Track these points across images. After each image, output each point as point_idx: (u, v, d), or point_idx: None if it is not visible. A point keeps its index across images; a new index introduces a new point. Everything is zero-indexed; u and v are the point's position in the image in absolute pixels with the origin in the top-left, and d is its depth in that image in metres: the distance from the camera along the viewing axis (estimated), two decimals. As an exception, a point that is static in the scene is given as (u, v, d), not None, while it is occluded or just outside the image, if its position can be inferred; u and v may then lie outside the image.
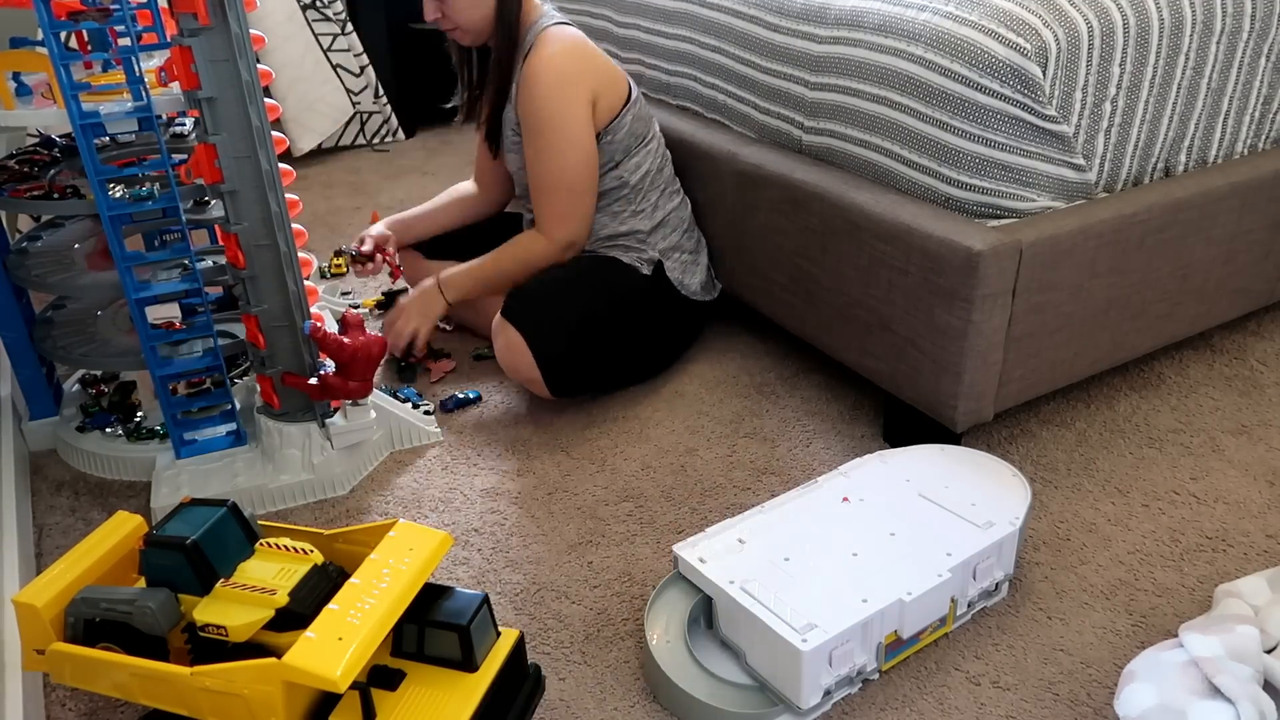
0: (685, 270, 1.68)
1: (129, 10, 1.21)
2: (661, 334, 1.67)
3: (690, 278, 1.68)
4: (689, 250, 1.69)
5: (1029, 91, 1.24)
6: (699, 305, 1.71)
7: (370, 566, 0.96)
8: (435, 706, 0.92)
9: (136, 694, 0.94)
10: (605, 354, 1.58)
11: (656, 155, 1.66)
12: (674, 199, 1.69)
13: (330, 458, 1.41)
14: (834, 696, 1.04)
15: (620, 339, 1.59)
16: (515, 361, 1.52)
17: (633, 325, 1.61)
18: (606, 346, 1.58)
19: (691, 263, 1.69)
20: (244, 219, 1.28)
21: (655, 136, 1.67)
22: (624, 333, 1.60)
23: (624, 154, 1.61)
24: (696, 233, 1.73)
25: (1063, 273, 1.32)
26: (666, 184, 1.68)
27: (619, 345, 1.60)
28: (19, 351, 1.51)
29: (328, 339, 1.33)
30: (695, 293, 1.69)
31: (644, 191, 1.64)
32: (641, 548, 1.29)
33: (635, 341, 1.62)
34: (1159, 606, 1.16)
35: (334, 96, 2.92)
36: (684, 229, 1.69)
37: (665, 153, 1.70)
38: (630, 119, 1.60)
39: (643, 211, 1.64)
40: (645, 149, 1.64)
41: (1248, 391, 1.58)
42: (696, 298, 1.69)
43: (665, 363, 1.70)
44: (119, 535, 1.07)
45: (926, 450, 1.30)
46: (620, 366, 1.62)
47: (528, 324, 1.51)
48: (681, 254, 1.68)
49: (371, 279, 2.11)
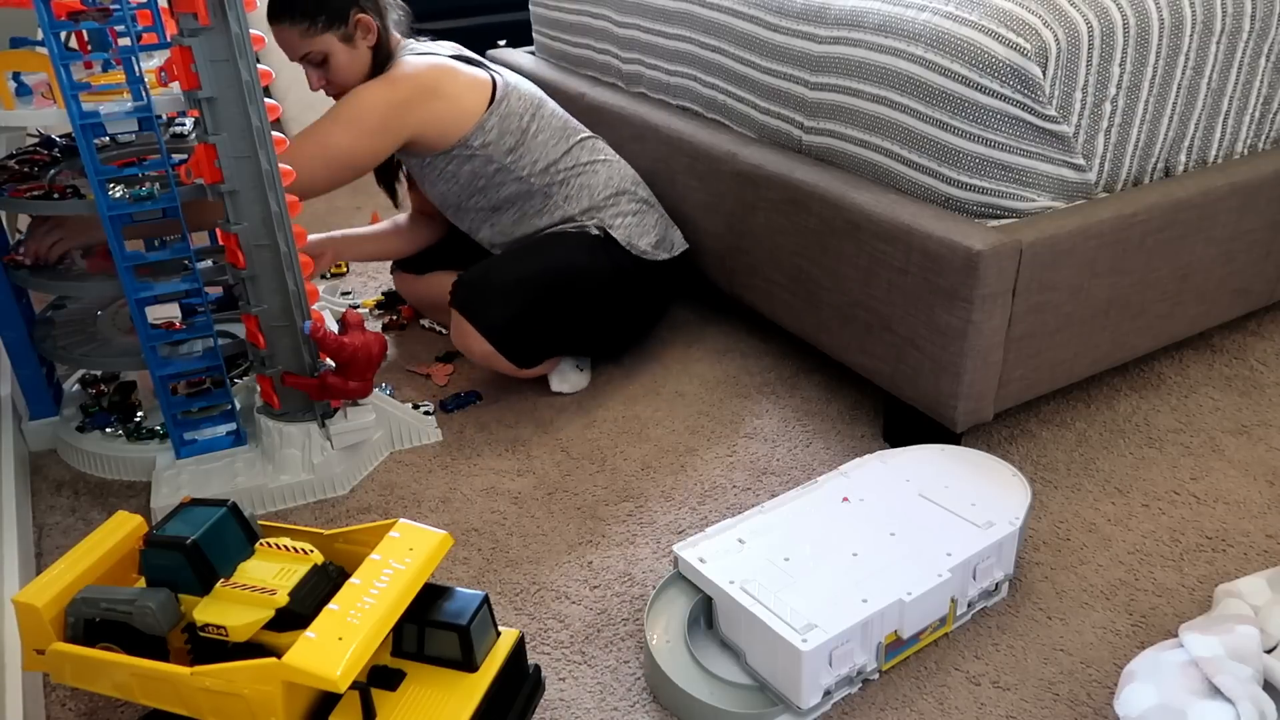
0: (631, 231, 1.65)
1: (129, 10, 1.21)
2: (618, 294, 1.63)
3: (639, 238, 1.65)
4: (631, 213, 1.67)
5: (1029, 91, 1.24)
6: (658, 265, 1.68)
7: (370, 566, 0.96)
8: (435, 706, 0.92)
9: (136, 694, 0.94)
10: (557, 316, 1.57)
11: (554, 142, 1.66)
12: (597, 171, 1.67)
13: (330, 458, 1.41)
14: (834, 696, 1.04)
15: (571, 299, 1.58)
16: (468, 343, 1.55)
17: (583, 285, 1.59)
18: (556, 308, 1.57)
19: (636, 224, 1.67)
20: (244, 219, 1.28)
21: (544, 126, 1.66)
22: (574, 293, 1.58)
23: (508, 155, 1.62)
24: (639, 192, 1.71)
25: (1063, 273, 1.32)
26: (586, 163, 1.67)
27: (572, 306, 1.58)
28: (19, 351, 1.51)
29: (328, 339, 1.33)
30: (646, 252, 1.66)
31: (559, 182, 1.64)
32: (641, 548, 1.29)
33: (590, 302, 1.60)
34: (1159, 606, 1.16)
35: (334, 96, 2.92)
36: (617, 193, 1.67)
37: (569, 132, 1.69)
38: (497, 119, 1.61)
39: (569, 198, 1.65)
40: (534, 141, 1.64)
41: (1248, 391, 1.58)
42: (649, 257, 1.66)
43: (635, 327, 1.69)
44: (119, 535, 1.07)
45: (926, 450, 1.30)
46: (580, 328, 1.61)
47: (470, 303, 1.54)
48: (626, 218, 1.66)
49: (372, 279, 2.11)
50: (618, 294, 1.63)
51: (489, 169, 1.63)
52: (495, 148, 1.61)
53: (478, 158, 1.62)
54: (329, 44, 1.55)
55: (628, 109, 1.88)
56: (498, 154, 1.62)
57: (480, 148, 1.61)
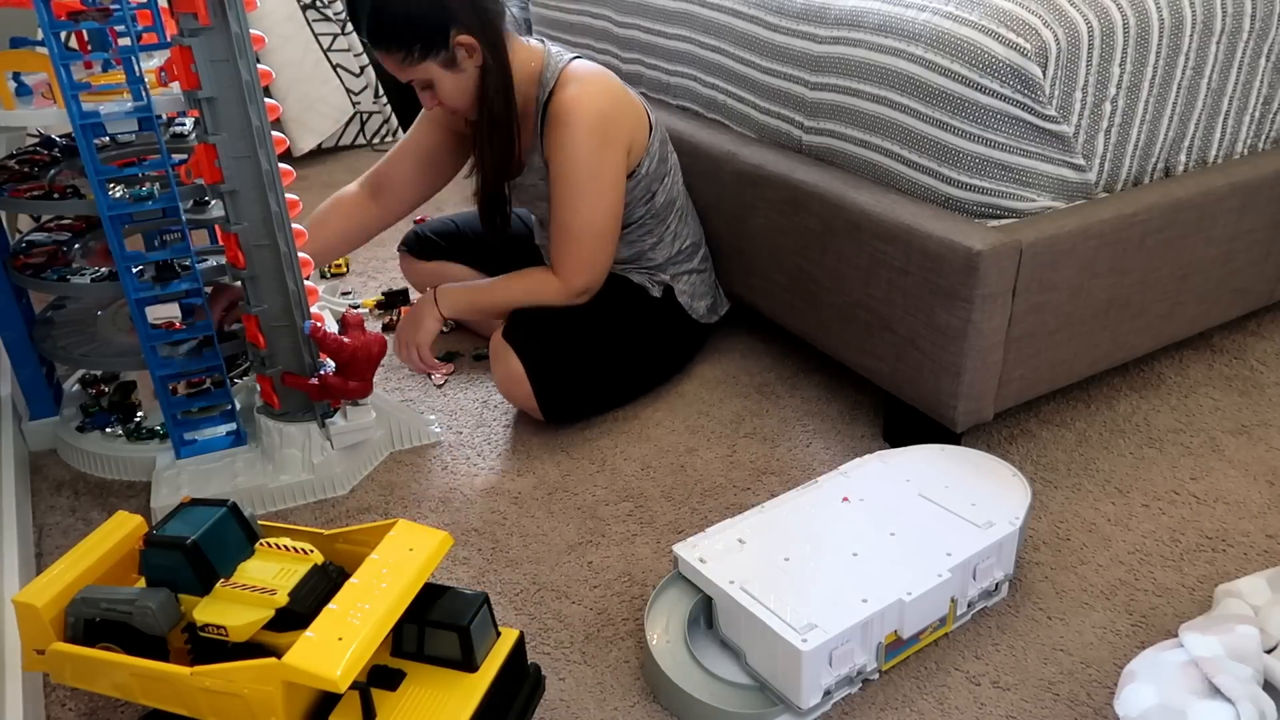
0: (694, 293, 1.65)
1: (129, 10, 1.21)
2: (662, 356, 1.65)
3: (699, 301, 1.66)
4: (699, 271, 1.67)
5: (1029, 91, 1.24)
6: (703, 327, 1.69)
7: (370, 566, 0.96)
8: (435, 706, 0.92)
9: (136, 694, 0.94)
10: (603, 380, 1.56)
11: (676, 180, 1.63)
12: (690, 222, 1.66)
13: (330, 458, 1.41)
14: (834, 696, 1.04)
15: (620, 364, 1.57)
16: (513, 390, 1.50)
17: (634, 349, 1.59)
18: (605, 373, 1.56)
19: (701, 284, 1.67)
20: (244, 219, 1.28)
21: (674, 162, 1.63)
22: (624, 357, 1.58)
23: (657, 182, 1.57)
24: (705, 249, 1.70)
25: (1063, 273, 1.32)
26: (684, 207, 1.65)
27: (618, 370, 1.58)
28: (19, 351, 1.51)
29: (328, 339, 1.33)
30: (702, 315, 1.67)
31: (665, 219, 1.61)
32: (641, 548, 1.29)
33: (634, 365, 1.60)
34: (1159, 606, 1.16)
35: (334, 96, 2.92)
36: (698, 250, 1.67)
37: (680, 176, 1.65)
38: (657, 146, 1.55)
39: (663, 241, 1.62)
40: (670, 177, 1.60)
41: (1248, 391, 1.58)
42: (703, 320, 1.67)
43: (661, 382, 1.67)
44: (119, 535, 1.07)
45: (926, 450, 1.30)
46: (618, 390, 1.60)
47: (529, 352, 1.48)
48: (692, 276, 1.65)
49: (372, 279, 2.11)
50: (665, 358, 1.65)
51: (636, 190, 1.55)
52: (651, 178, 1.56)
53: (639, 185, 1.55)
54: (430, 71, 1.40)
55: (628, 109, 1.88)
56: (651, 183, 1.56)
57: (641, 177, 1.54)
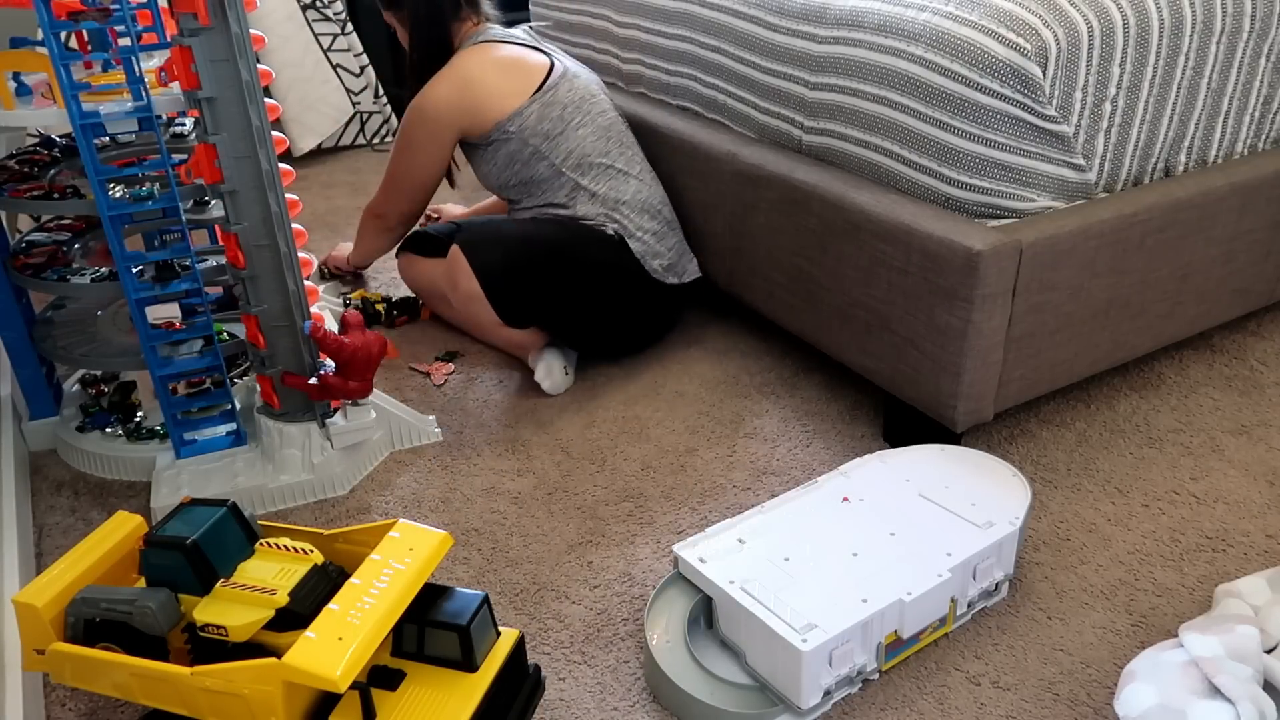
0: (647, 248, 1.66)
1: (129, 10, 1.21)
2: (618, 290, 1.63)
3: (653, 258, 1.67)
4: (650, 231, 1.68)
5: (1029, 91, 1.24)
6: (664, 287, 1.69)
7: (370, 566, 0.96)
8: (435, 706, 0.92)
9: (136, 694, 0.94)
10: (553, 284, 1.58)
11: (593, 139, 1.68)
12: (628, 182, 1.69)
13: (330, 458, 1.41)
14: (834, 696, 1.04)
15: (571, 274, 1.59)
16: (457, 279, 1.58)
17: (586, 265, 1.60)
18: (554, 275, 1.58)
19: (655, 243, 1.68)
20: (244, 219, 1.28)
21: (589, 122, 1.69)
22: (575, 268, 1.59)
23: (543, 139, 1.66)
24: (664, 213, 1.72)
25: (1063, 273, 1.32)
26: (614, 167, 1.68)
27: (569, 280, 1.59)
28: (19, 351, 1.51)
29: (328, 339, 1.33)
30: (656, 271, 1.67)
31: (589, 177, 1.67)
32: (641, 548, 1.29)
33: (588, 283, 1.60)
34: (1159, 606, 1.16)
35: (334, 96, 2.92)
36: (642, 209, 1.68)
37: (614, 137, 1.71)
38: (539, 106, 1.65)
39: (595, 196, 1.66)
40: (575, 133, 1.67)
41: (1248, 391, 1.58)
42: (658, 277, 1.67)
43: (629, 335, 1.69)
44: (119, 535, 1.07)
45: (926, 450, 1.30)
46: (572, 307, 1.60)
47: (471, 243, 1.58)
48: (644, 233, 1.67)
49: (371, 280, 2.11)
50: (617, 290, 1.63)
51: (525, 151, 1.67)
52: (531, 131, 1.66)
53: (513, 140, 1.67)
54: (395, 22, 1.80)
55: (628, 109, 1.88)
56: (533, 137, 1.66)
57: (516, 131, 1.66)
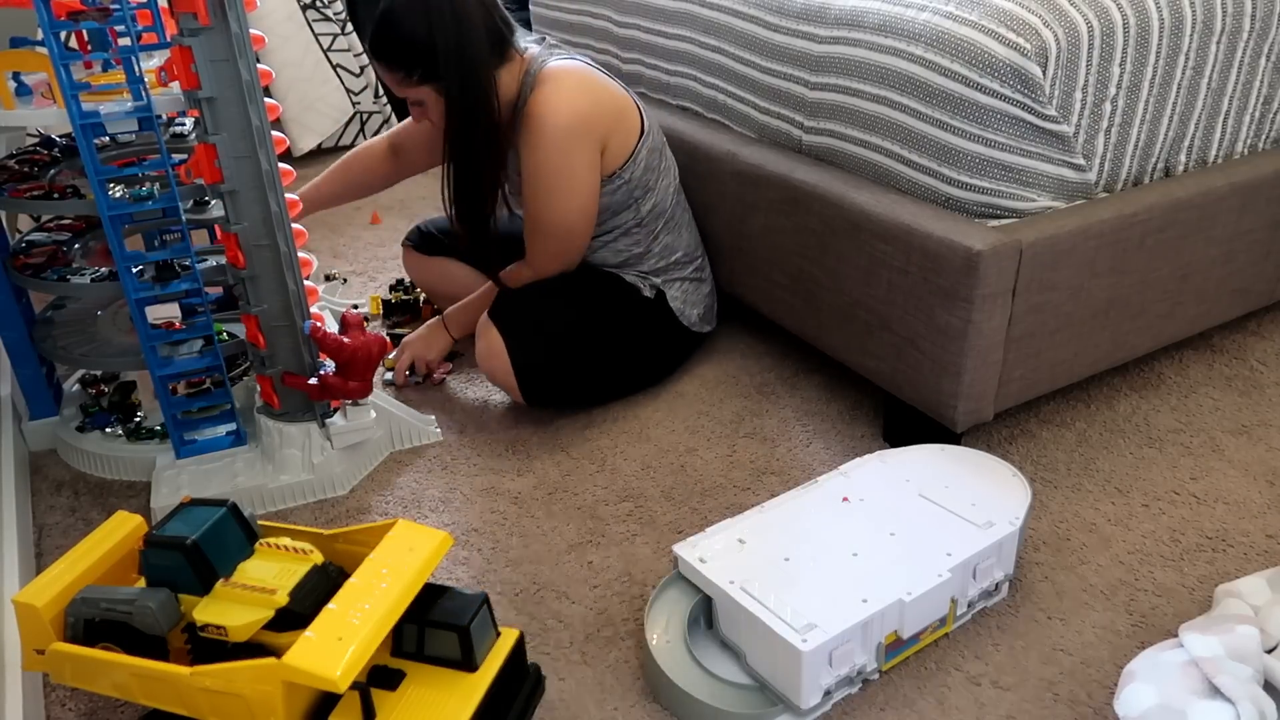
0: (687, 301, 1.64)
1: (129, 10, 1.21)
2: (650, 358, 1.64)
3: (691, 309, 1.65)
4: (693, 280, 1.66)
5: (1029, 91, 1.24)
6: (694, 335, 1.69)
7: (370, 566, 0.96)
8: (435, 706, 0.92)
9: (136, 694, 0.94)
10: (586, 369, 1.55)
11: (671, 187, 1.62)
12: (684, 234, 1.64)
13: (330, 458, 1.41)
14: (834, 696, 1.04)
15: (604, 356, 1.57)
16: (493, 365, 1.51)
17: (620, 344, 1.58)
18: (588, 362, 1.55)
19: (694, 293, 1.66)
20: (244, 219, 1.28)
21: (669, 167, 1.61)
22: (609, 350, 1.57)
23: (643, 191, 1.56)
24: (702, 260, 1.69)
25: (1063, 273, 1.32)
26: (678, 220, 1.63)
27: (602, 361, 1.57)
28: (19, 351, 1.51)
29: (327, 339, 1.33)
30: (694, 323, 1.66)
31: (653, 230, 1.60)
32: (641, 548, 1.29)
33: (620, 360, 1.59)
34: (1159, 606, 1.16)
35: (334, 96, 2.92)
36: (692, 261, 1.66)
37: (678, 183, 1.65)
38: (645, 153, 1.54)
39: (652, 252, 1.61)
40: (662, 183, 1.59)
41: (1248, 391, 1.58)
42: (694, 328, 1.67)
43: (649, 384, 1.66)
44: (119, 535, 1.07)
45: (926, 450, 1.30)
46: (601, 383, 1.59)
47: (510, 328, 1.50)
48: (685, 284, 1.64)
49: (371, 280, 2.11)
50: (653, 361, 1.64)
51: (626, 201, 1.56)
52: (635, 184, 1.54)
53: (619, 191, 1.54)
54: (425, 94, 1.44)
55: (628, 109, 1.88)
56: (635, 189, 1.55)
57: (624, 182, 1.54)
